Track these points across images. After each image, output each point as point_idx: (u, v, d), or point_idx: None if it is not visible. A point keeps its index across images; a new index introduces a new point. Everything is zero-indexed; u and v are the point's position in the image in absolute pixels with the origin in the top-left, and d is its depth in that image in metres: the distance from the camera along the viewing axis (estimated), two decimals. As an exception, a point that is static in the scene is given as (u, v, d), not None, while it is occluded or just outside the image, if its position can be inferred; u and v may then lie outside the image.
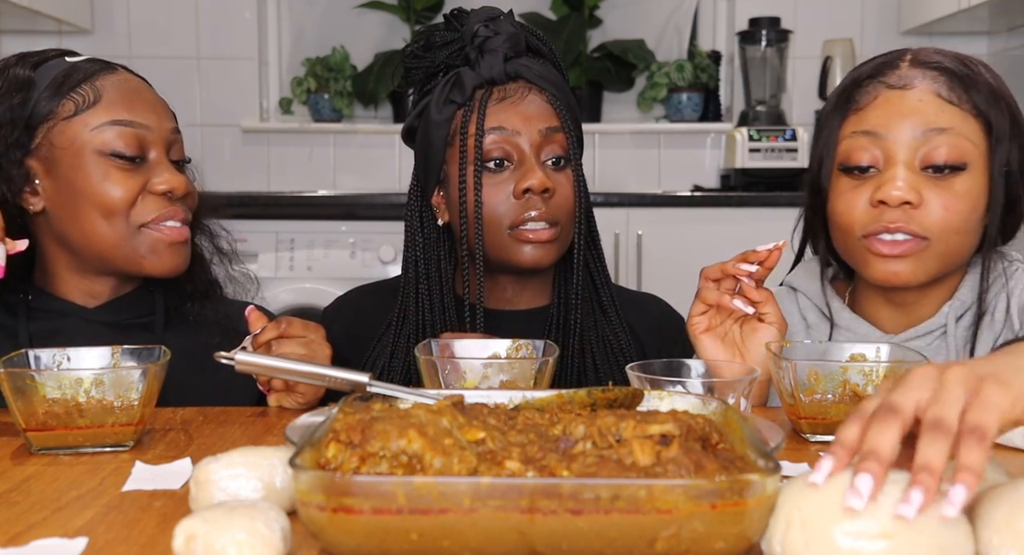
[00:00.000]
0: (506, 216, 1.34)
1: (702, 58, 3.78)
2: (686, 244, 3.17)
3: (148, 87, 1.37)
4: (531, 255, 1.34)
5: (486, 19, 1.36)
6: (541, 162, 1.35)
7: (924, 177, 1.20)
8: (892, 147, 1.21)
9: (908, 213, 1.20)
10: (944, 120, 1.20)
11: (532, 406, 0.88)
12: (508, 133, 1.34)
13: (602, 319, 1.43)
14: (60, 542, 0.75)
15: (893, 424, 0.69)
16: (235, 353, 1.04)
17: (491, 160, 1.34)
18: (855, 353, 1.13)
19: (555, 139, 1.35)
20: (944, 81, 1.22)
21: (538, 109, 1.35)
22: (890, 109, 1.22)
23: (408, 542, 0.66)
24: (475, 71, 1.35)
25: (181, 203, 1.33)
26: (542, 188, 1.32)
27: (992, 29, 3.64)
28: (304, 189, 3.71)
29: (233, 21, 3.80)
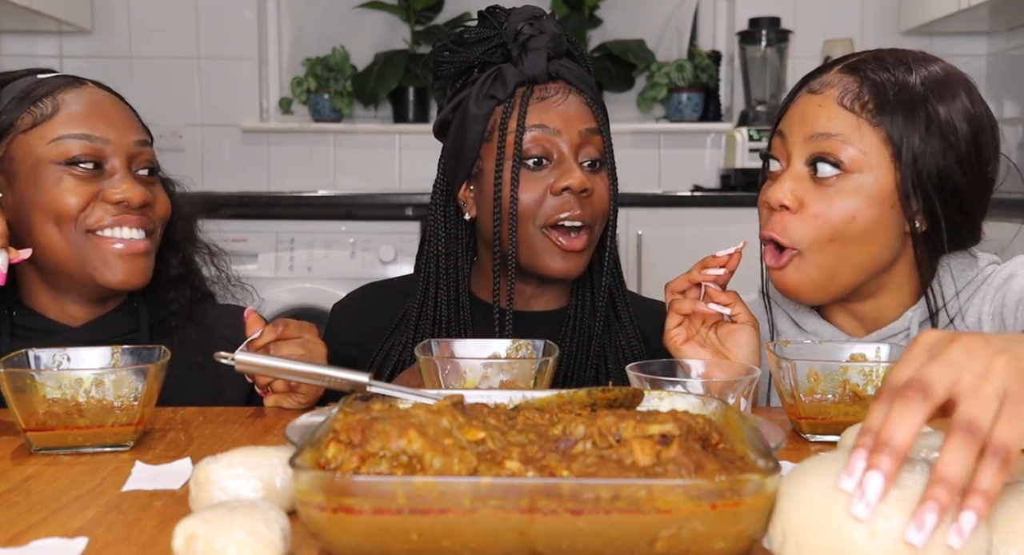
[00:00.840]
0: (540, 214, 1.33)
1: (702, 58, 3.78)
2: (686, 244, 3.15)
3: (115, 101, 1.37)
4: (562, 266, 1.34)
5: (530, 18, 1.37)
6: (579, 163, 1.35)
7: (810, 179, 1.22)
8: (790, 149, 1.24)
9: (783, 221, 1.23)
10: (834, 126, 1.20)
11: (532, 406, 0.88)
12: (549, 131, 1.34)
13: (616, 325, 1.43)
14: (60, 542, 0.75)
15: (918, 409, 0.66)
16: (235, 353, 1.04)
17: (530, 158, 1.34)
18: (855, 353, 1.13)
19: (593, 141, 1.36)
20: (853, 89, 1.21)
21: (578, 110, 1.36)
22: (797, 112, 1.25)
23: (408, 542, 0.66)
24: (517, 68, 1.35)
25: (139, 213, 1.31)
26: (581, 188, 1.32)
27: (992, 29, 3.64)
28: (304, 189, 3.71)
29: (233, 21, 3.80)
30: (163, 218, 1.36)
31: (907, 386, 0.67)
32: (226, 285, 1.49)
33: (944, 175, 1.19)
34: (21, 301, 1.35)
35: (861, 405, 1.04)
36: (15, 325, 1.33)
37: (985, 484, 0.64)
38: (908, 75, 1.21)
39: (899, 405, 0.67)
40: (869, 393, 1.06)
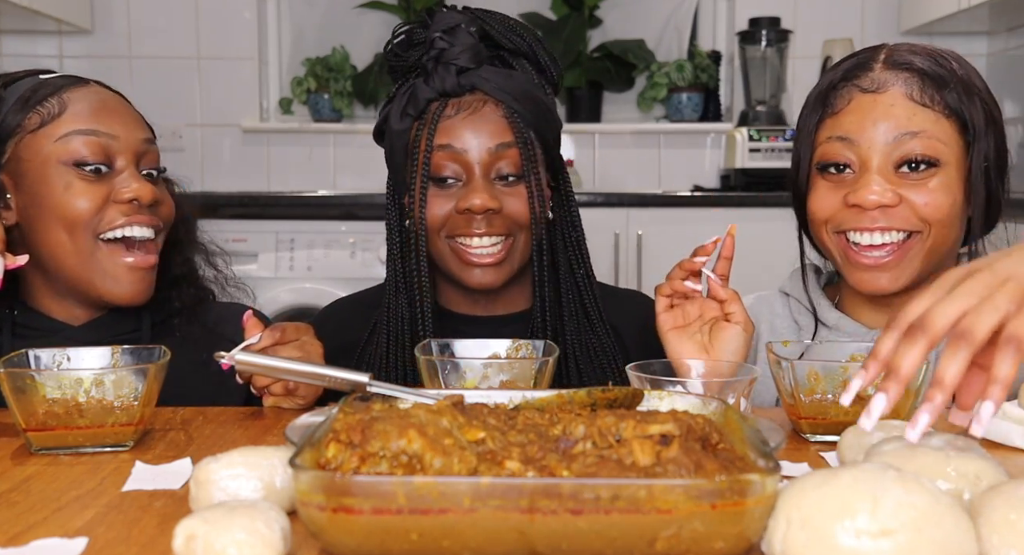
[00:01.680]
0: (445, 228, 1.34)
1: (702, 58, 3.78)
2: (686, 244, 3.14)
3: (120, 100, 1.37)
4: (478, 278, 1.34)
5: (445, 29, 1.34)
6: (490, 179, 1.33)
7: (900, 177, 1.23)
8: (866, 153, 1.23)
9: (886, 212, 1.22)
10: (916, 123, 1.22)
11: (532, 406, 0.88)
12: (456, 150, 1.32)
13: (585, 323, 1.42)
14: (60, 542, 0.75)
15: (920, 343, 0.76)
16: (235, 353, 1.04)
17: (440, 178, 1.33)
18: (855, 353, 1.13)
19: (507, 155, 1.32)
20: (916, 83, 1.23)
21: (491, 124, 1.32)
22: (863, 114, 1.23)
23: (408, 542, 0.66)
24: (429, 84, 1.34)
25: (149, 212, 1.30)
26: (483, 209, 1.31)
27: (992, 29, 3.64)
28: (304, 189, 3.71)
29: (233, 21, 3.80)
30: (169, 219, 1.36)
31: (913, 325, 0.78)
32: (223, 285, 1.48)
33: (1000, 155, 1.25)
34: (23, 300, 1.34)
35: (861, 405, 1.04)
36: (16, 324, 1.33)
37: (1001, 373, 0.74)
38: (949, 63, 1.25)
39: (903, 342, 0.78)
40: (869, 393, 1.05)
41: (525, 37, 1.38)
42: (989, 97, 1.26)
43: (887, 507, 0.65)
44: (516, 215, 1.34)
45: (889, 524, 0.64)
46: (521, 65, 1.38)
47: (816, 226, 1.29)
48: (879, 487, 0.66)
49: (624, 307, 1.49)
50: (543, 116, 1.37)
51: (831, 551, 0.64)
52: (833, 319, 1.34)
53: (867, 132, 1.23)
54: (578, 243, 1.44)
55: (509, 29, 1.37)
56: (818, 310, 1.36)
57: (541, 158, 1.37)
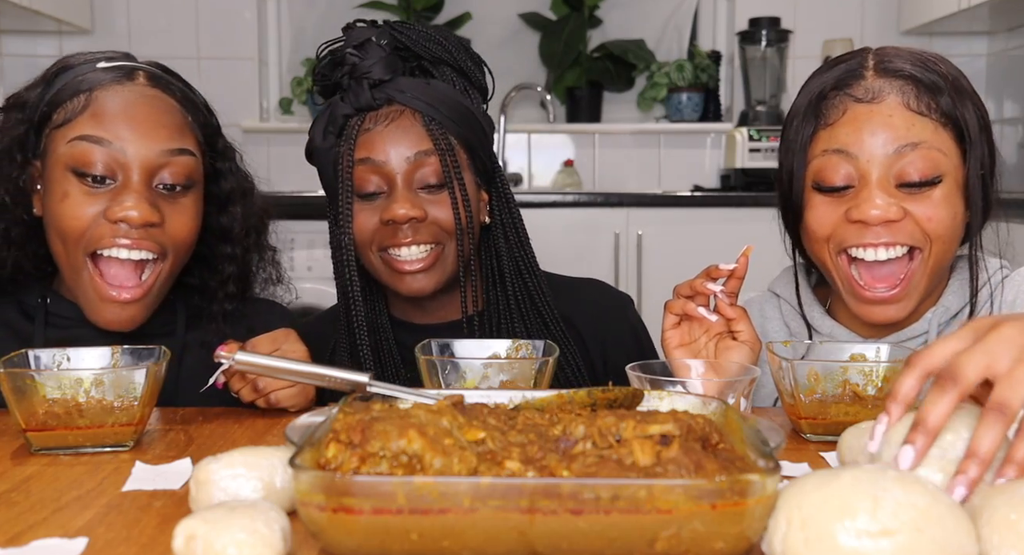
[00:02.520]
0: (374, 242, 1.34)
1: (702, 58, 3.78)
2: (686, 244, 3.17)
3: (161, 102, 1.28)
4: (409, 284, 1.34)
5: (355, 44, 1.33)
6: (412, 189, 1.33)
7: (901, 191, 1.19)
8: (865, 166, 1.19)
9: (890, 227, 1.19)
10: (915, 134, 1.18)
11: (532, 406, 0.88)
12: (376, 163, 1.32)
13: (538, 322, 1.42)
14: (60, 542, 0.75)
15: (951, 394, 0.75)
16: (235, 354, 1.04)
17: (364, 193, 1.33)
18: (855, 353, 1.13)
19: (428, 163, 1.32)
20: (911, 90, 1.20)
21: (408, 134, 1.32)
22: (860, 126, 1.19)
23: (408, 542, 0.66)
24: (345, 100, 1.34)
25: (141, 235, 1.23)
26: (406, 219, 1.30)
27: (992, 29, 3.64)
28: (304, 189, 3.70)
29: (233, 21, 3.80)
30: (178, 239, 1.27)
31: (943, 374, 0.77)
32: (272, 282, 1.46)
33: (992, 159, 1.23)
34: (56, 289, 1.32)
35: (861, 405, 1.05)
36: (49, 313, 1.30)
37: (1020, 456, 0.73)
38: (939, 67, 1.21)
39: (933, 391, 0.76)
40: (869, 393, 1.06)
41: (445, 45, 1.36)
42: (978, 99, 1.24)
43: (887, 507, 0.64)
44: (442, 222, 1.33)
45: (889, 524, 0.64)
46: (443, 73, 1.37)
47: (816, 244, 1.25)
48: (879, 487, 0.66)
49: (579, 296, 1.49)
50: (466, 122, 1.35)
51: (831, 551, 0.64)
52: (827, 327, 1.32)
53: (865, 144, 1.19)
54: (521, 244, 1.43)
55: (427, 38, 1.36)
56: (811, 318, 1.34)
57: (467, 163, 1.36)
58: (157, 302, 1.30)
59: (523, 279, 1.42)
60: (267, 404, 1.17)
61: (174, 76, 1.36)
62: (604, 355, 1.46)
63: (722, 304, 1.18)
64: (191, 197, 1.30)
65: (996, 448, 0.73)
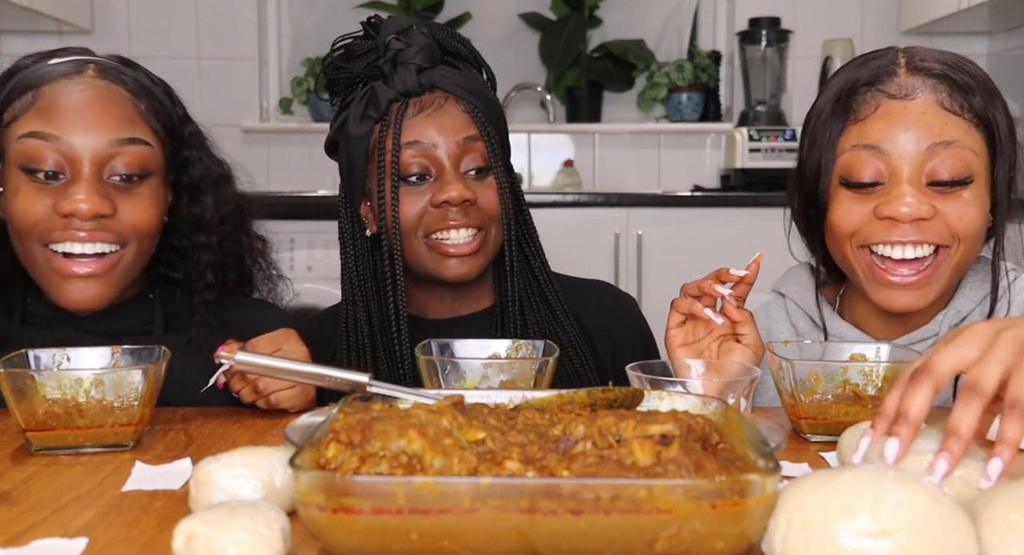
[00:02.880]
0: (422, 226, 1.34)
1: (702, 58, 3.78)
2: (686, 244, 3.17)
3: (112, 93, 1.26)
4: (455, 269, 1.35)
5: (398, 31, 1.35)
6: (460, 173, 1.35)
7: (932, 189, 1.18)
8: (896, 162, 1.18)
9: (920, 226, 1.18)
10: (948, 133, 1.17)
11: (532, 406, 0.88)
12: (425, 146, 1.33)
13: (547, 314, 1.43)
14: (60, 542, 0.75)
15: (925, 386, 0.79)
16: (235, 354, 1.04)
17: (410, 175, 1.34)
18: (855, 353, 1.13)
19: (474, 148, 1.35)
20: (945, 89, 1.19)
21: (455, 119, 1.34)
22: (893, 122, 1.18)
23: (408, 542, 0.66)
24: (389, 85, 1.34)
25: (95, 226, 1.21)
26: (461, 200, 1.32)
27: (992, 29, 3.64)
28: (304, 189, 3.71)
29: (233, 21, 3.80)
30: (138, 228, 1.25)
31: (917, 371, 0.81)
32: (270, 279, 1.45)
33: (1017, 161, 1.22)
34: (36, 288, 1.30)
35: (861, 405, 1.05)
36: (29, 312, 1.30)
37: (1010, 435, 0.76)
38: (970, 68, 1.21)
39: (908, 387, 0.80)
40: (869, 393, 1.06)
41: (466, 43, 1.41)
42: (1005, 102, 1.23)
43: (887, 507, 0.64)
44: (488, 207, 1.36)
45: (889, 524, 0.64)
46: (467, 68, 1.40)
47: (839, 239, 1.23)
48: (879, 487, 0.66)
49: (586, 297, 1.50)
50: (498, 113, 1.40)
51: (831, 551, 0.64)
52: (835, 327, 1.31)
53: (898, 141, 1.17)
54: (532, 238, 1.46)
55: (452, 35, 1.40)
56: (823, 319, 1.33)
57: (503, 152, 1.40)
58: (124, 282, 1.28)
59: (533, 273, 1.44)
60: (267, 405, 1.17)
61: (132, 66, 1.33)
62: (612, 353, 1.47)
63: (728, 307, 1.17)
64: (148, 186, 1.27)
65: (975, 424, 0.77)
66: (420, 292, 1.43)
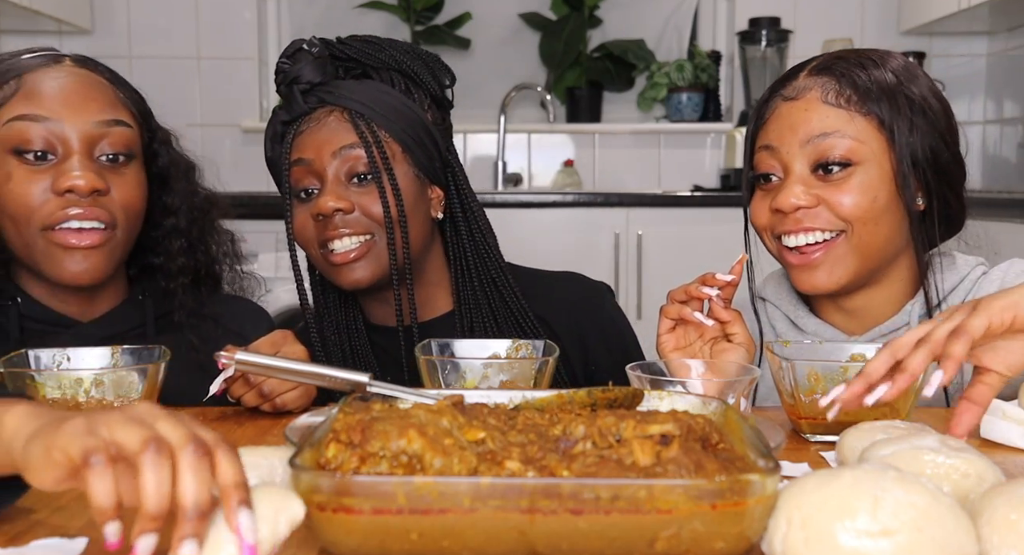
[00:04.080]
0: (312, 239, 1.38)
1: (702, 58, 3.78)
2: (686, 244, 3.17)
3: (92, 80, 1.30)
4: (345, 277, 1.37)
5: (289, 54, 1.40)
6: (342, 182, 1.37)
7: (818, 180, 1.25)
8: (786, 158, 1.26)
9: (808, 215, 1.25)
10: (828, 124, 1.24)
11: (532, 406, 0.88)
12: (307, 162, 1.37)
13: (510, 319, 1.44)
14: (60, 542, 0.75)
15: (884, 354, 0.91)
16: (235, 353, 1.04)
17: (300, 190, 1.38)
18: (855, 353, 1.13)
19: (353, 156, 1.36)
20: (833, 86, 1.25)
21: (333, 131, 1.37)
22: (782, 122, 1.27)
23: (408, 542, 0.66)
24: (284, 109, 1.41)
25: (91, 203, 1.24)
26: (331, 211, 1.34)
27: (992, 29, 3.64)
28: (304, 189, 3.70)
29: (233, 21, 3.80)
30: (127, 208, 1.28)
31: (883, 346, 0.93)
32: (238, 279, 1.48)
33: (935, 151, 1.26)
34: (25, 291, 1.30)
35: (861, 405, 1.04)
36: (23, 316, 1.29)
37: (950, 350, 0.88)
38: (876, 66, 1.27)
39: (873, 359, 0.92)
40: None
41: (389, 50, 1.41)
42: (926, 95, 1.27)
43: (887, 507, 0.65)
44: (372, 214, 1.36)
45: (889, 524, 0.64)
46: (384, 76, 1.41)
47: (760, 233, 1.33)
48: (879, 487, 0.66)
49: (553, 291, 1.50)
50: (401, 118, 1.38)
51: (831, 551, 0.64)
52: (812, 326, 1.35)
53: (785, 138, 1.26)
54: (484, 239, 1.46)
55: (369, 45, 1.41)
56: (796, 318, 1.37)
57: (402, 157, 1.38)
58: (115, 262, 1.29)
59: (490, 275, 1.45)
60: (274, 408, 1.17)
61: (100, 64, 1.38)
62: (583, 348, 1.47)
63: (716, 307, 1.22)
64: (133, 168, 1.31)
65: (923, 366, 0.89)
66: (367, 300, 1.46)
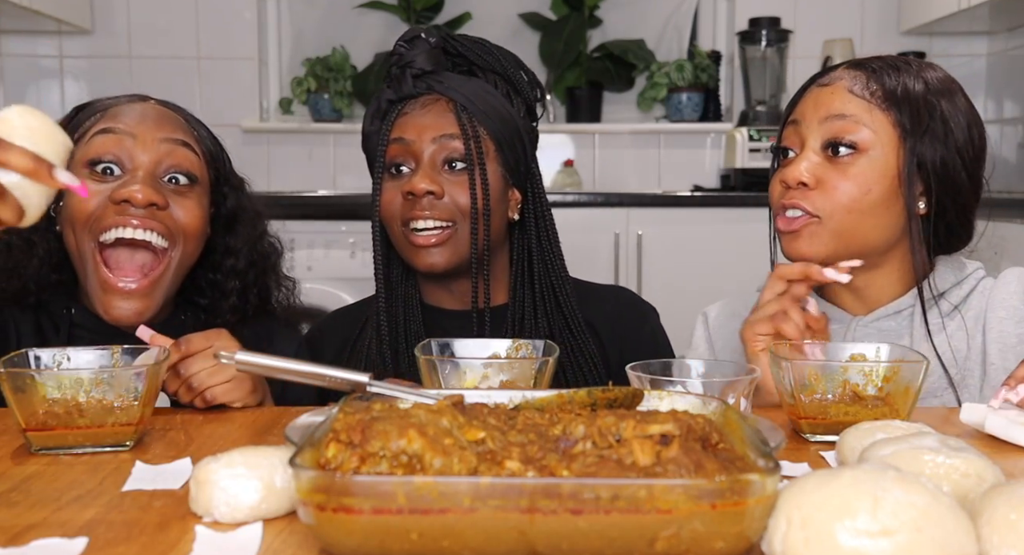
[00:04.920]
0: (396, 215, 1.45)
1: (702, 58, 3.78)
2: (686, 244, 3.17)
3: (164, 111, 1.37)
4: (423, 259, 1.43)
5: (407, 39, 1.48)
6: (436, 167, 1.43)
7: (825, 160, 1.31)
8: (804, 132, 1.33)
9: (803, 193, 1.31)
10: (847, 108, 1.31)
11: (532, 406, 0.88)
12: (405, 142, 1.44)
13: (560, 321, 1.49)
14: (60, 542, 0.75)
15: None
16: (235, 353, 1.04)
17: (392, 165, 1.46)
18: (855, 353, 1.13)
19: (451, 146, 1.43)
20: (861, 78, 1.32)
21: (438, 118, 1.44)
22: (808, 102, 1.35)
23: (408, 542, 0.66)
24: (391, 88, 1.48)
25: (147, 215, 1.28)
26: (424, 192, 1.41)
27: (992, 29, 3.64)
28: (304, 189, 3.71)
29: (233, 21, 3.80)
30: (186, 229, 1.33)
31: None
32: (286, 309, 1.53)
33: (945, 163, 1.30)
34: (80, 300, 1.36)
35: (861, 405, 1.05)
36: (74, 324, 1.35)
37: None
38: (911, 71, 1.33)
39: None
40: (869, 393, 1.06)
41: (497, 55, 1.50)
42: (955, 114, 1.32)
43: (887, 507, 0.65)
44: (459, 202, 1.43)
45: (889, 524, 0.64)
46: (489, 78, 1.49)
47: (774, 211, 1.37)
48: (879, 487, 0.66)
49: (604, 306, 1.56)
50: (499, 118, 1.46)
51: (831, 551, 0.64)
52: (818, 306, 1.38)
53: (807, 115, 1.34)
54: (551, 247, 1.52)
55: (480, 47, 1.49)
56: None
57: (494, 155, 1.46)
58: (163, 298, 1.33)
59: (550, 279, 1.51)
60: (204, 403, 1.19)
61: None
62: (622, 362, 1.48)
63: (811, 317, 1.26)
64: (196, 192, 1.36)
65: None
66: (428, 283, 1.52)
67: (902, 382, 1.04)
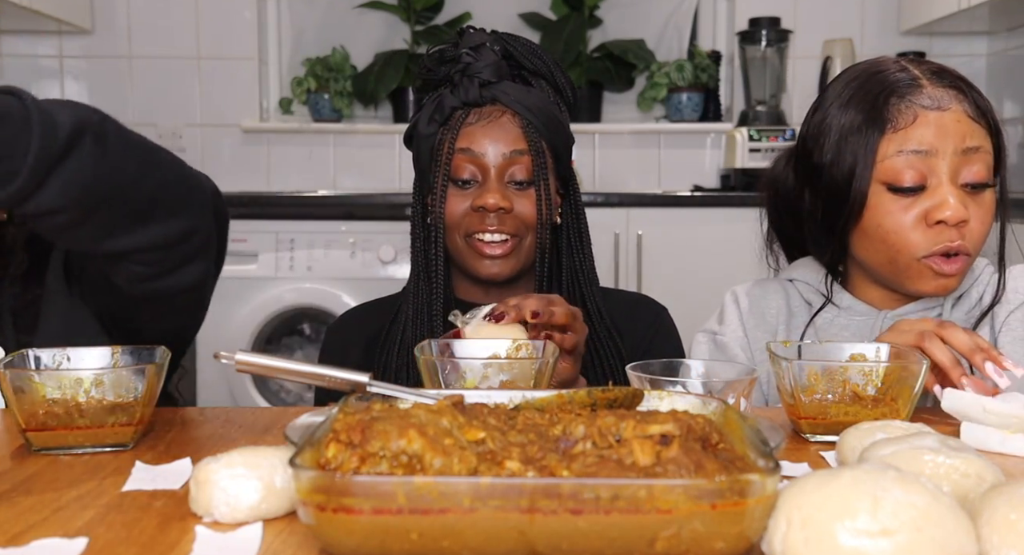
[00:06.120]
0: (463, 226, 1.48)
1: (702, 58, 3.78)
2: (686, 244, 3.17)
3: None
4: (487, 268, 1.48)
5: (471, 46, 1.49)
6: (504, 182, 1.47)
7: (961, 191, 1.29)
8: (938, 165, 1.28)
9: (960, 231, 1.28)
10: (976, 139, 1.29)
11: (532, 406, 0.88)
12: (474, 154, 1.46)
13: (586, 320, 1.47)
14: (60, 542, 0.75)
15: None
16: (235, 353, 1.04)
17: (459, 178, 1.48)
18: (855, 353, 1.13)
19: (520, 161, 1.46)
20: (969, 100, 1.31)
21: (507, 132, 1.47)
22: (933, 130, 1.29)
23: (408, 542, 0.66)
24: (455, 94, 1.48)
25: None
26: (496, 208, 1.45)
27: (992, 29, 3.64)
28: (304, 189, 3.71)
29: (233, 21, 3.80)
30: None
31: None
32: None
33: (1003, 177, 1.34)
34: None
35: (861, 405, 1.05)
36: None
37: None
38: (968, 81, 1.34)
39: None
40: (869, 393, 1.06)
41: (545, 60, 1.53)
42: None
43: (887, 507, 0.64)
44: (525, 216, 1.47)
45: (889, 524, 0.64)
46: (539, 84, 1.52)
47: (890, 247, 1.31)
48: (879, 487, 0.66)
49: (634, 312, 1.59)
50: (555, 129, 1.50)
51: (831, 551, 0.64)
52: (846, 301, 1.42)
53: (939, 146, 1.28)
54: (583, 248, 1.55)
55: (531, 52, 1.52)
56: (833, 293, 1.43)
57: (552, 167, 1.50)
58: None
59: (578, 281, 1.54)
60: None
61: None
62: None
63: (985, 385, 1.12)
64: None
65: None
66: (467, 281, 1.55)
67: (902, 382, 1.04)
